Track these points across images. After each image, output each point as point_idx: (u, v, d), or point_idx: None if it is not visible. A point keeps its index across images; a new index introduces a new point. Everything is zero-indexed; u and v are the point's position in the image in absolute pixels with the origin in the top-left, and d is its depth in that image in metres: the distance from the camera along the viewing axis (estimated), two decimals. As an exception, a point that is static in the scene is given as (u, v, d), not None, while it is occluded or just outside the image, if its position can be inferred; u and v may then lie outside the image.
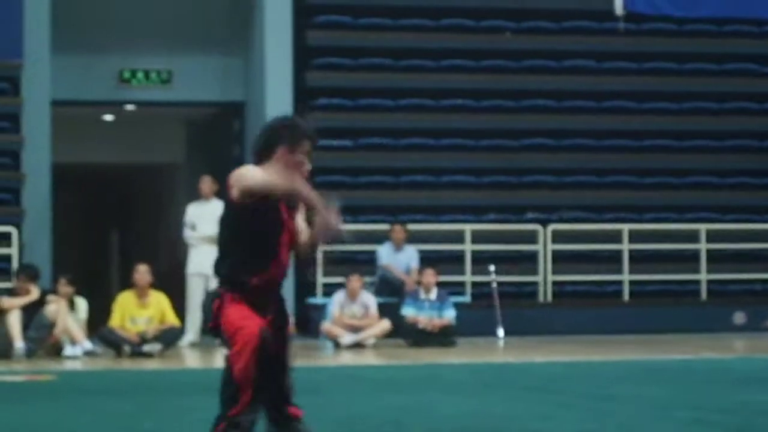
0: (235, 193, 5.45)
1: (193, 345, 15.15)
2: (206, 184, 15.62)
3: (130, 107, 19.58)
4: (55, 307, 13.48)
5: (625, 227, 17.78)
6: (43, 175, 17.03)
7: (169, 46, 18.38)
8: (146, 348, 13.59)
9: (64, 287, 14.05)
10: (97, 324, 14.26)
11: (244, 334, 5.41)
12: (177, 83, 18.43)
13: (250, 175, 5.44)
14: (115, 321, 13.88)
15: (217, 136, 19.86)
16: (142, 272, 14.01)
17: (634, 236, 17.77)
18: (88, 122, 20.60)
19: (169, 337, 13.89)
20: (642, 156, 18.81)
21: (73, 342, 13.57)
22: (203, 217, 15.11)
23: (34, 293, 13.53)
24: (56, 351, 13.60)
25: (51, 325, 13.42)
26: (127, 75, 18.35)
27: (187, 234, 15.56)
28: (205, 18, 18.54)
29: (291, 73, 17.90)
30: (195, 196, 15.96)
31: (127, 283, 14.83)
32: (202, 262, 14.79)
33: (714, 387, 9.17)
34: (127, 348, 13.62)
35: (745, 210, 18.58)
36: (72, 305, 14.03)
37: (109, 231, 24.94)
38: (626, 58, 19.18)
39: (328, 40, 18.46)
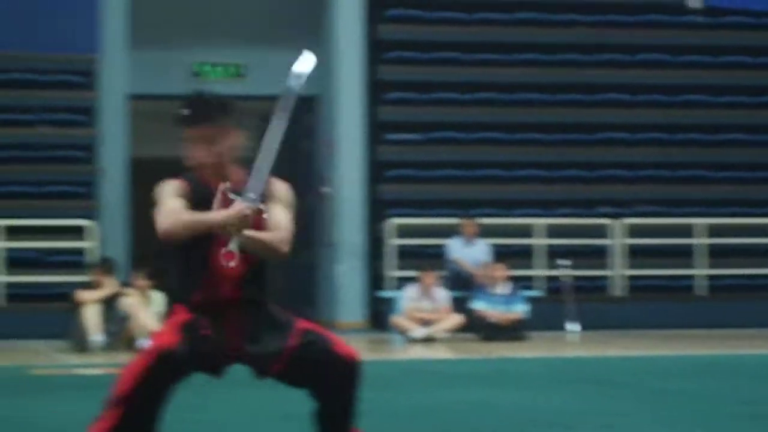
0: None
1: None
2: None
3: (204, 101, 19.69)
4: (130, 300, 13.65)
5: (698, 221, 17.63)
6: (119, 168, 17.22)
7: (242, 40, 18.50)
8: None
9: (141, 281, 14.21)
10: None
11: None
12: (249, 77, 18.55)
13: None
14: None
15: (288, 130, 19.90)
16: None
17: (706, 230, 17.61)
18: (164, 116, 20.77)
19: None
20: (715, 150, 18.63)
21: (149, 335, 13.72)
22: None
23: (110, 287, 13.70)
24: (131, 344, 13.76)
25: (127, 318, 13.60)
26: (199, 69, 18.50)
27: None
28: (277, 12, 18.65)
29: (363, 66, 17.94)
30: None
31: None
32: None
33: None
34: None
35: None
36: (148, 299, 14.18)
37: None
38: (700, 51, 19.01)
39: (400, 34, 18.49)
